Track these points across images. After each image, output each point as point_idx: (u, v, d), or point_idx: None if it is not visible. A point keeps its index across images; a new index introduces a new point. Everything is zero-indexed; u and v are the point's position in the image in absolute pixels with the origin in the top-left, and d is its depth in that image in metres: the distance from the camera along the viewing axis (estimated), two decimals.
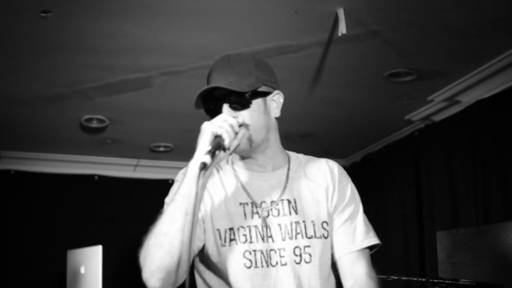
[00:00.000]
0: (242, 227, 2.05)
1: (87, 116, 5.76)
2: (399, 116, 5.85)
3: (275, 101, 2.14)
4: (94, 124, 5.92)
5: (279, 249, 2.05)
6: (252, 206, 2.09)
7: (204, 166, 1.83)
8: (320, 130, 6.31)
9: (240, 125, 2.00)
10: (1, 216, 6.79)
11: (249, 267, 2.02)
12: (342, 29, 3.90)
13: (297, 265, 2.04)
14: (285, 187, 2.13)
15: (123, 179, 7.30)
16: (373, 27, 4.12)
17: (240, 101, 2.04)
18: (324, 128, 6.22)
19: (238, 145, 1.99)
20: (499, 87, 4.85)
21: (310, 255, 2.05)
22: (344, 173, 2.23)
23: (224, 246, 2.03)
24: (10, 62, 4.60)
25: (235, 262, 2.02)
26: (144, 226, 5.96)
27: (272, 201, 2.10)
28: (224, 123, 1.92)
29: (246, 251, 2.03)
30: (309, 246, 2.05)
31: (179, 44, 4.34)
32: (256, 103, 2.06)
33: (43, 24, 3.95)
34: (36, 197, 6.97)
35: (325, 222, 2.11)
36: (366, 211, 2.22)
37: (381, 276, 4.63)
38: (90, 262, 5.34)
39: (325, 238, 2.10)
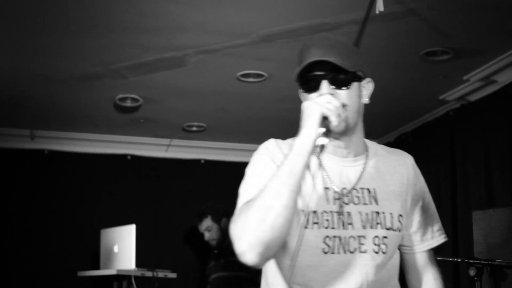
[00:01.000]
0: (325, 211, 2.04)
1: (121, 95, 5.79)
2: (434, 96, 5.79)
3: (366, 88, 2.12)
4: (128, 103, 5.94)
5: (359, 236, 2.05)
6: (334, 192, 2.07)
7: (322, 148, 1.86)
8: None
9: (344, 106, 1.99)
10: (35, 196, 6.87)
11: (326, 253, 2.02)
12: (379, 6, 3.85)
13: (376, 254, 2.06)
14: (363, 175, 2.12)
15: (156, 159, 7.33)
16: (411, 5, 4.09)
17: (342, 80, 2.02)
18: None
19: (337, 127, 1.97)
20: None
21: (386, 246, 2.07)
22: (417, 168, 2.25)
23: (307, 228, 1.99)
24: (44, 41, 4.64)
25: (315, 246, 2.02)
26: (176, 206, 6.08)
27: (353, 188, 2.08)
28: (330, 104, 1.90)
29: (327, 236, 2.02)
30: (386, 237, 2.07)
31: (215, 22, 4.34)
32: (354, 85, 2.05)
33: (77, 3, 3.97)
34: (70, 176, 7.03)
35: (401, 215, 2.13)
36: None
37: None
38: (123, 241, 5.39)
39: (399, 231, 2.12)
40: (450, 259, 3.72)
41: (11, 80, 5.40)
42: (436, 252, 2.29)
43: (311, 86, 2.03)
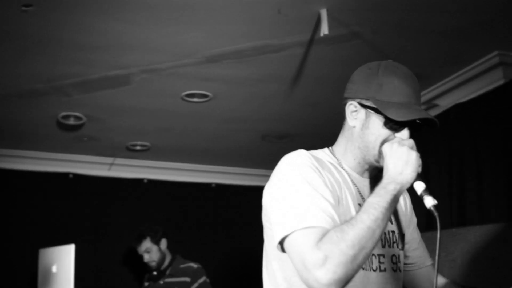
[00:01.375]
0: None
1: (64, 113, 5.70)
2: None
3: None
4: (71, 121, 5.85)
5: (379, 255, 2.09)
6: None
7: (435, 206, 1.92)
8: (297, 131, 6.31)
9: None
10: None
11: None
12: (324, 29, 3.91)
13: (394, 272, 2.12)
14: None
15: (98, 177, 7.24)
16: (355, 28, 4.15)
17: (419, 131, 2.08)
18: (302, 129, 6.23)
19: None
20: (477, 91, 4.90)
21: (398, 264, 2.15)
22: None
23: None
24: None
25: None
26: (117, 226, 6.01)
27: None
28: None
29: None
30: (399, 256, 2.16)
31: (161, 41, 4.32)
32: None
33: (24, 18, 3.91)
34: (10, 194, 6.87)
35: (404, 235, 2.23)
36: None
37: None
38: (62, 261, 5.27)
39: (402, 250, 2.22)
40: None
41: None
42: None
43: (399, 127, 2.05)
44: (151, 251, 5.73)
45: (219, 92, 5.20)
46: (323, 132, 6.27)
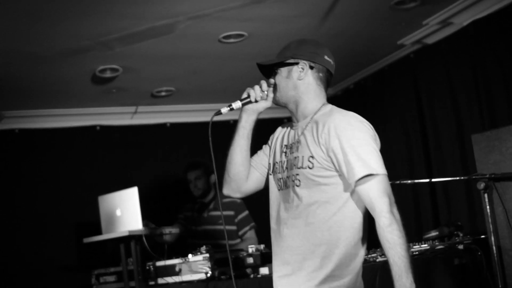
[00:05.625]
0: (276, 162, 2.95)
1: (102, 67, 5.98)
2: (391, 41, 6.22)
3: (300, 68, 2.85)
4: (108, 74, 6.13)
5: (280, 179, 2.90)
6: (285, 148, 2.94)
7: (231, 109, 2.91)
8: None
9: (270, 86, 2.90)
10: (11, 175, 7.03)
11: (279, 190, 2.89)
12: None
13: (292, 188, 2.82)
14: (299, 134, 2.88)
15: (122, 127, 7.56)
16: None
17: (270, 71, 2.95)
18: None
19: (267, 97, 2.89)
20: (492, 6, 5.31)
21: (299, 181, 2.79)
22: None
23: (270, 174, 2.98)
24: (32, 18, 4.81)
25: (273, 185, 2.94)
26: (148, 171, 6.42)
27: (292, 143, 2.89)
28: (255, 86, 2.91)
29: (278, 178, 2.91)
30: (298, 174, 2.80)
31: None
32: (283, 70, 2.88)
33: None
34: (42, 152, 7.20)
35: (312, 156, 2.77)
36: None
37: (416, 181, 5.11)
38: (126, 204, 5.63)
39: (309, 168, 2.76)
40: (458, 178, 4.27)
41: None
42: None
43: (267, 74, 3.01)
44: (201, 179, 6.12)
45: (254, 31, 5.53)
46: (341, 60, 6.67)
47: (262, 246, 4.99)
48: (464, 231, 4.28)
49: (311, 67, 2.86)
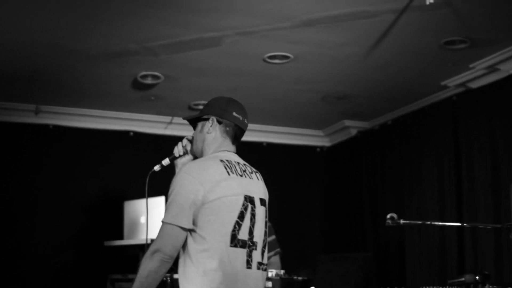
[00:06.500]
0: None
1: (144, 72, 5.99)
2: (436, 81, 6.19)
3: (210, 122, 3.13)
4: (149, 81, 6.14)
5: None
6: None
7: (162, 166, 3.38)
8: (356, 93, 6.63)
9: (189, 140, 3.25)
10: (43, 170, 7.08)
11: None
12: None
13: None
14: None
15: (156, 135, 7.55)
16: None
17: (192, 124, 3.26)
18: (360, 90, 6.56)
19: (188, 151, 3.27)
20: None
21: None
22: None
23: None
24: (78, 15, 4.84)
25: None
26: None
27: None
28: (179, 142, 3.30)
29: None
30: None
31: (262, 6, 4.63)
32: (199, 125, 3.17)
33: None
34: (74, 151, 7.23)
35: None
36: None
37: (447, 224, 5.02)
38: (151, 212, 5.61)
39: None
40: (491, 226, 4.18)
41: (30, 54, 5.59)
42: None
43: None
44: None
45: (300, 54, 5.52)
46: (377, 93, 6.63)
47: (282, 272, 4.92)
48: (491, 281, 4.20)
49: (219, 122, 3.13)
